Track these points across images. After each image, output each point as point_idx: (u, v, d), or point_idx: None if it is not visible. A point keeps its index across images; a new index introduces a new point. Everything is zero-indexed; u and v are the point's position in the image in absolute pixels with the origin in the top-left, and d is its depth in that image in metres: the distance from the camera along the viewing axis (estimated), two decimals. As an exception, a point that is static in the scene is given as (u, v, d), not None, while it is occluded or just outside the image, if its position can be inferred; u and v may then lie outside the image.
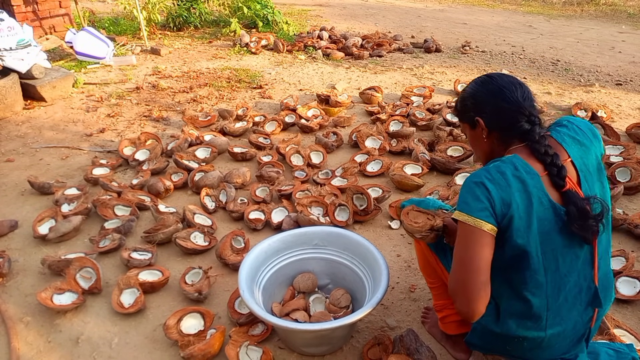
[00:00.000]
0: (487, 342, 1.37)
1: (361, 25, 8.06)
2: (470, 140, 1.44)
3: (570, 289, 1.24)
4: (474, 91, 1.37)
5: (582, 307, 1.27)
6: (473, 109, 1.35)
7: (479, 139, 1.37)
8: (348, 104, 4.17)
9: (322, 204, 2.56)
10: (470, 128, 1.40)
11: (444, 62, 5.71)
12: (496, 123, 1.31)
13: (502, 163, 1.22)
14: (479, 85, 1.36)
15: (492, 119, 1.32)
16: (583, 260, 1.24)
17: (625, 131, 3.56)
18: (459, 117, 1.45)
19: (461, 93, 1.43)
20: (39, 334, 1.84)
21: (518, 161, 1.21)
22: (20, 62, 3.99)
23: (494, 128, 1.32)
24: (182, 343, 1.71)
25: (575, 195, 1.19)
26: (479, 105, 1.34)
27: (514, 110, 1.27)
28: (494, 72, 1.38)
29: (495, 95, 1.30)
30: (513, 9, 10.37)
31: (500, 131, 1.32)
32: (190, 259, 2.27)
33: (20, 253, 2.30)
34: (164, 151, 3.25)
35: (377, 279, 1.70)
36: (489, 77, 1.35)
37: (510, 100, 1.28)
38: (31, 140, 3.55)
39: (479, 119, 1.33)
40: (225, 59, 5.76)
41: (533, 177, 1.19)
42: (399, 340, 1.70)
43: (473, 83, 1.39)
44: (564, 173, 1.19)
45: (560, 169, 1.20)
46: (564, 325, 1.26)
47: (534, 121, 1.27)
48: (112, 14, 8.22)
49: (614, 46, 6.72)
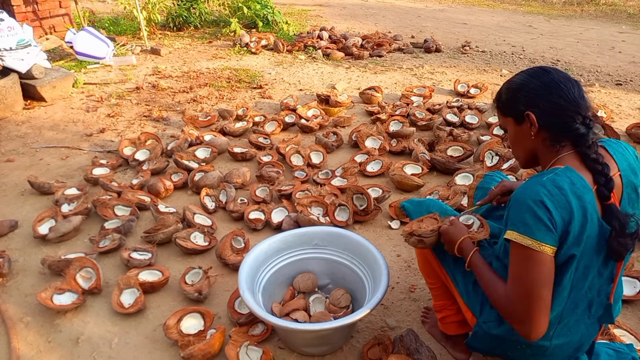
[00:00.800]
0: (488, 346, 1.36)
1: (361, 25, 8.06)
2: (512, 136, 1.31)
3: (586, 304, 1.22)
4: (526, 82, 1.23)
5: (591, 321, 1.25)
6: (524, 102, 1.22)
7: (525, 137, 1.25)
8: (348, 104, 4.17)
9: (322, 204, 2.56)
10: (515, 123, 1.27)
11: (444, 62, 5.71)
12: (550, 121, 1.19)
13: (557, 176, 1.11)
14: (532, 76, 1.23)
15: (545, 116, 1.19)
16: (605, 277, 1.21)
17: (625, 131, 3.56)
18: (501, 110, 1.32)
19: (507, 83, 1.30)
20: (39, 334, 1.84)
21: (574, 175, 1.12)
22: (20, 62, 3.99)
23: (546, 126, 1.20)
24: (182, 343, 1.71)
25: (618, 209, 1.14)
26: (533, 98, 1.21)
27: (571, 109, 1.17)
28: (548, 66, 1.26)
29: (552, 89, 1.18)
30: (513, 9, 10.38)
31: (552, 131, 1.20)
32: (190, 259, 2.27)
33: (20, 253, 2.30)
34: (164, 151, 3.25)
35: (377, 279, 1.70)
36: (543, 70, 1.23)
37: (568, 97, 1.17)
38: (31, 140, 3.55)
39: (531, 113, 1.20)
40: (225, 59, 5.76)
41: (589, 193, 1.11)
42: (399, 340, 1.70)
43: (523, 74, 1.26)
44: (611, 185, 1.12)
45: (608, 179, 1.12)
46: (570, 337, 1.24)
47: (590, 125, 1.17)
48: (112, 14, 8.22)
49: (614, 46, 6.72)
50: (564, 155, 1.19)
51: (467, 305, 1.42)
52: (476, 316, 1.39)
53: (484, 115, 3.83)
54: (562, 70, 1.24)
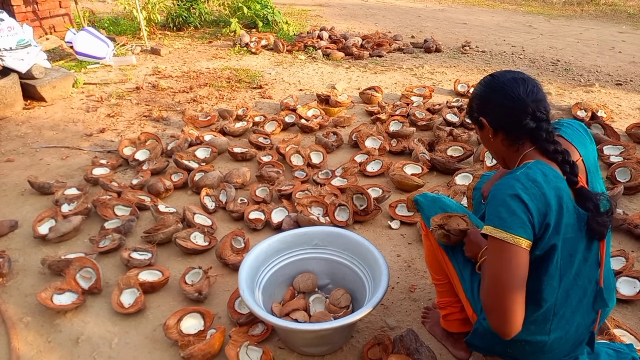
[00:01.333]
0: (487, 344, 1.36)
1: (361, 25, 8.06)
2: (481, 141, 1.41)
3: (576, 292, 1.23)
4: (478, 91, 1.34)
5: (585, 310, 1.26)
6: (477, 110, 1.33)
7: (488, 140, 1.34)
8: (348, 104, 4.17)
9: (322, 204, 2.56)
10: (479, 129, 1.37)
11: (444, 62, 5.71)
12: (499, 122, 1.28)
13: (530, 170, 1.16)
14: (482, 85, 1.33)
15: (494, 118, 1.28)
16: (591, 262, 1.23)
17: (625, 131, 3.56)
18: (470, 119, 1.42)
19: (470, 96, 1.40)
20: (39, 334, 1.84)
21: (545, 167, 1.17)
22: (20, 62, 4.00)
23: (498, 127, 1.28)
24: (182, 343, 1.71)
25: (589, 191, 1.18)
26: (483, 105, 1.31)
27: (516, 107, 1.23)
28: (498, 71, 1.34)
29: (497, 93, 1.26)
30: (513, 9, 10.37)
31: (506, 131, 1.27)
32: (190, 259, 2.27)
33: (20, 253, 2.30)
34: (164, 151, 3.25)
35: (377, 279, 1.70)
36: (491, 76, 1.32)
37: (512, 97, 1.23)
38: (31, 140, 3.55)
39: (482, 119, 1.30)
40: (225, 59, 5.76)
41: (562, 182, 1.16)
42: (399, 340, 1.70)
43: (478, 85, 1.36)
44: (576, 170, 1.18)
45: (572, 165, 1.18)
46: (567, 328, 1.25)
47: (540, 118, 1.22)
48: (112, 14, 8.22)
49: (614, 46, 6.72)
50: (527, 152, 1.25)
51: (470, 302, 1.44)
52: (477, 313, 1.40)
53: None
54: (514, 70, 1.30)
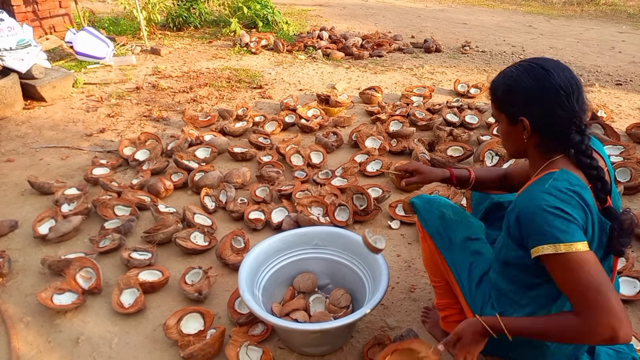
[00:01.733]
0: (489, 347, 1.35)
1: (361, 25, 8.06)
2: (503, 132, 1.27)
3: None
4: (524, 84, 1.16)
5: None
6: (520, 106, 1.18)
7: (517, 137, 1.22)
8: (348, 104, 4.17)
9: (322, 204, 2.56)
10: (508, 122, 1.23)
11: (444, 62, 5.71)
12: (542, 127, 1.16)
13: (556, 181, 1.10)
14: (531, 76, 1.16)
15: (540, 123, 1.15)
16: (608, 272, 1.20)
17: (625, 131, 3.56)
18: (495, 104, 1.27)
19: (504, 77, 1.23)
20: (39, 334, 1.84)
21: (570, 176, 1.11)
22: (20, 62, 3.99)
23: (539, 132, 1.17)
24: (182, 343, 1.71)
25: (615, 211, 1.13)
26: (529, 103, 1.16)
27: (567, 118, 1.12)
28: (548, 61, 1.17)
29: (551, 97, 1.12)
30: (513, 9, 10.37)
31: (546, 137, 1.17)
32: (190, 259, 2.27)
33: (20, 253, 2.30)
34: (164, 151, 3.25)
35: (377, 279, 1.70)
36: (544, 70, 1.14)
37: (566, 106, 1.11)
38: (31, 140, 3.55)
39: (525, 119, 1.17)
40: (225, 59, 5.76)
41: (586, 191, 1.10)
42: (398, 340, 1.70)
43: (523, 70, 1.18)
44: (608, 188, 1.11)
45: (605, 183, 1.11)
46: None
47: (584, 131, 1.14)
48: (112, 14, 8.22)
49: (614, 46, 6.72)
50: (556, 159, 1.17)
51: (469, 305, 1.43)
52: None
53: (484, 115, 3.83)
54: (564, 66, 1.17)
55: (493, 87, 1.27)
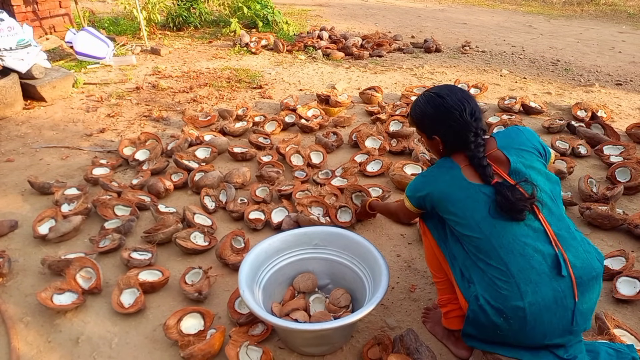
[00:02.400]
0: (480, 331, 1.42)
1: (361, 25, 8.06)
2: (426, 145, 1.80)
3: (530, 254, 1.35)
4: (427, 112, 1.55)
5: (552, 274, 1.33)
6: (430, 128, 1.57)
7: (436, 148, 1.62)
8: (348, 104, 4.17)
9: (322, 204, 2.56)
10: (427, 139, 1.62)
11: (444, 62, 5.71)
12: (450, 140, 1.53)
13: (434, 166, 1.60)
14: (431, 106, 1.54)
15: (447, 137, 1.53)
16: (534, 230, 1.38)
17: (625, 131, 3.56)
18: (416, 129, 1.66)
19: (415, 108, 1.61)
20: (39, 334, 1.84)
21: (446, 161, 1.56)
22: (20, 62, 3.99)
23: (447, 142, 1.55)
24: (182, 343, 1.71)
25: (501, 185, 1.40)
26: (435, 126, 1.55)
27: (465, 129, 1.48)
28: (443, 88, 1.55)
29: (448, 117, 1.49)
30: (513, 9, 10.38)
31: (452, 144, 1.54)
32: (190, 259, 2.27)
33: (20, 253, 2.30)
34: (164, 151, 3.25)
35: (377, 278, 1.70)
36: (440, 98, 1.51)
37: (461, 121, 1.48)
38: (31, 140, 3.55)
39: (436, 137, 1.55)
40: (225, 59, 5.76)
41: (455, 169, 1.49)
42: (399, 340, 1.70)
43: (425, 101, 1.56)
44: (488, 171, 1.43)
45: (484, 167, 1.43)
46: (540, 293, 1.31)
47: (479, 133, 1.48)
48: (112, 14, 8.22)
49: (614, 46, 6.72)
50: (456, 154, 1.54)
51: (461, 291, 1.50)
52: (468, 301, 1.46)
53: (484, 115, 3.83)
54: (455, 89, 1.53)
55: (410, 117, 1.66)
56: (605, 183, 2.85)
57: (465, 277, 1.49)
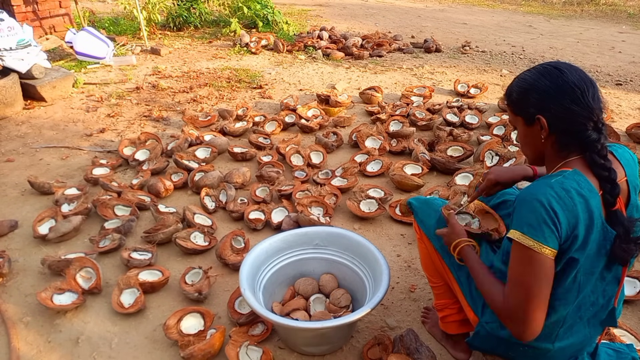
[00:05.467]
0: (489, 346, 1.37)
1: (361, 25, 8.06)
2: (521, 136, 1.28)
3: (588, 307, 1.21)
4: (538, 83, 1.18)
5: (594, 323, 1.25)
6: (536, 105, 1.18)
7: (535, 138, 1.22)
8: (348, 104, 4.17)
9: (322, 204, 2.56)
10: (524, 123, 1.24)
11: (444, 62, 5.71)
12: (561, 126, 1.16)
13: (566, 179, 1.11)
14: (545, 77, 1.17)
15: (557, 121, 1.16)
16: (609, 281, 1.20)
17: (625, 131, 3.56)
18: (511, 108, 1.27)
19: (519, 81, 1.24)
20: (39, 334, 1.84)
21: (581, 178, 1.11)
22: (20, 62, 3.99)
23: (556, 130, 1.17)
24: (182, 343, 1.70)
25: (623, 215, 1.13)
26: (545, 101, 1.16)
27: (584, 115, 1.13)
28: (561, 62, 1.19)
29: (565, 93, 1.13)
30: (513, 9, 10.38)
31: (563, 135, 1.17)
32: (190, 259, 2.27)
33: (20, 253, 2.30)
34: (164, 151, 3.25)
35: (377, 279, 1.70)
36: (557, 70, 1.17)
37: (582, 102, 1.12)
38: (31, 140, 3.55)
39: (542, 117, 1.17)
40: (225, 59, 5.76)
41: (595, 197, 1.11)
42: (399, 340, 1.70)
43: (536, 73, 1.20)
44: (617, 191, 1.11)
45: (614, 186, 1.11)
46: (572, 339, 1.24)
47: (601, 130, 1.14)
48: (112, 14, 8.22)
49: (614, 46, 6.72)
50: (572, 159, 1.17)
51: (470, 306, 1.43)
52: (478, 316, 1.40)
53: (484, 115, 3.83)
54: (576, 67, 1.18)
55: (508, 92, 1.28)
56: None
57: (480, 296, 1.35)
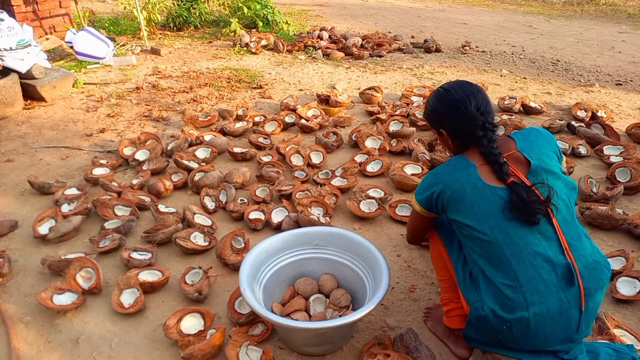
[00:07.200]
0: (481, 334, 1.42)
1: (361, 25, 8.06)
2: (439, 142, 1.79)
3: (540, 264, 1.31)
4: (434, 106, 1.56)
5: (560, 285, 1.30)
6: (436, 122, 1.56)
7: (446, 143, 1.60)
8: (348, 104, 4.17)
9: (322, 204, 2.56)
10: (437, 134, 1.61)
11: (444, 62, 5.71)
12: (456, 133, 1.52)
13: (448, 163, 1.51)
14: (437, 99, 1.54)
15: (452, 131, 1.52)
16: (547, 237, 1.34)
17: (625, 131, 3.56)
18: (428, 124, 1.65)
19: (427, 104, 1.61)
20: (39, 334, 1.84)
21: (460, 159, 1.49)
22: (20, 62, 3.99)
23: (456, 137, 1.53)
24: (182, 343, 1.71)
25: (516, 185, 1.35)
26: (440, 119, 1.54)
27: (470, 123, 1.45)
28: (452, 83, 1.54)
29: (452, 110, 1.48)
30: (513, 9, 10.37)
31: (461, 138, 1.52)
32: (190, 259, 2.27)
33: (20, 253, 2.30)
34: (164, 151, 3.25)
35: (377, 278, 1.70)
36: (445, 92, 1.51)
37: (465, 114, 1.45)
38: (31, 140, 3.55)
39: (443, 130, 1.54)
40: (225, 59, 5.76)
41: (471, 168, 1.43)
42: (398, 339, 1.70)
43: (433, 97, 1.56)
44: (505, 169, 1.38)
45: (501, 165, 1.39)
46: (546, 304, 1.29)
47: (487, 127, 1.45)
48: (112, 14, 8.22)
49: (614, 46, 6.72)
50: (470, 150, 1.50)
51: (463, 293, 1.51)
52: (469, 304, 1.46)
53: (484, 115, 3.83)
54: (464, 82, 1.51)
55: (424, 112, 1.67)
56: (605, 183, 2.85)
57: (470, 282, 1.48)
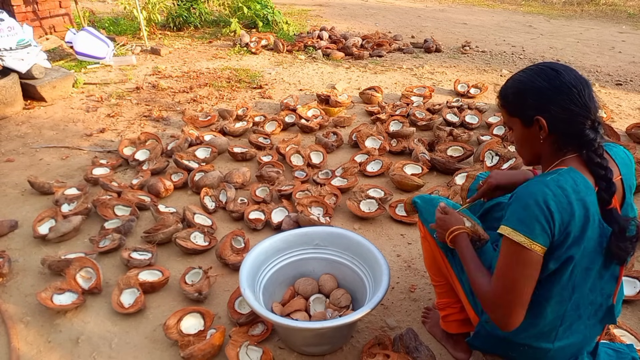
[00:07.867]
0: (490, 345, 1.37)
1: (361, 25, 8.06)
2: (518, 137, 1.26)
3: (587, 305, 1.21)
4: (536, 85, 1.17)
5: (592, 322, 1.25)
6: (534, 106, 1.17)
7: (533, 139, 1.21)
8: (348, 104, 4.17)
9: (322, 204, 2.56)
10: (522, 125, 1.22)
11: (444, 62, 5.71)
12: (561, 126, 1.16)
13: (561, 177, 1.11)
14: (542, 77, 1.17)
15: (556, 121, 1.15)
16: (607, 279, 1.21)
17: (625, 131, 3.56)
18: (507, 109, 1.26)
19: (514, 82, 1.24)
20: (39, 334, 1.84)
21: (577, 176, 1.12)
22: (20, 62, 3.99)
23: (555, 131, 1.17)
24: (182, 343, 1.71)
25: (618, 214, 1.14)
26: (543, 102, 1.16)
27: (582, 114, 1.13)
28: (555, 63, 1.20)
29: (564, 94, 1.13)
30: (513, 9, 10.37)
31: (561, 135, 1.17)
32: (190, 259, 2.27)
33: (20, 253, 2.30)
34: (164, 151, 3.25)
35: (377, 279, 1.70)
36: (554, 70, 1.17)
37: (580, 102, 1.13)
38: (31, 140, 3.55)
39: (541, 118, 1.16)
40: (225, 59, 5.76)
41: (592, 193, 1.11)
42: (398, 339, 1.70)
43: (532, 74, 1.19)
44: (613, 189, 1.12)
45: (610, 184, 1.12)
46: (572, 339, 1.24)
47: (598, 128, 1.16)
48: (112, 14, 8.22)
49: (614, 46, 6.72)
50: (568, 158, 1.18)
51: (471, 305, 1.44)
52: (479, 315, 1.40)
53: (484, 115, 3.83)
54: (570, 67, 1.19)
55: (503, 94, 1.27)
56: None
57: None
